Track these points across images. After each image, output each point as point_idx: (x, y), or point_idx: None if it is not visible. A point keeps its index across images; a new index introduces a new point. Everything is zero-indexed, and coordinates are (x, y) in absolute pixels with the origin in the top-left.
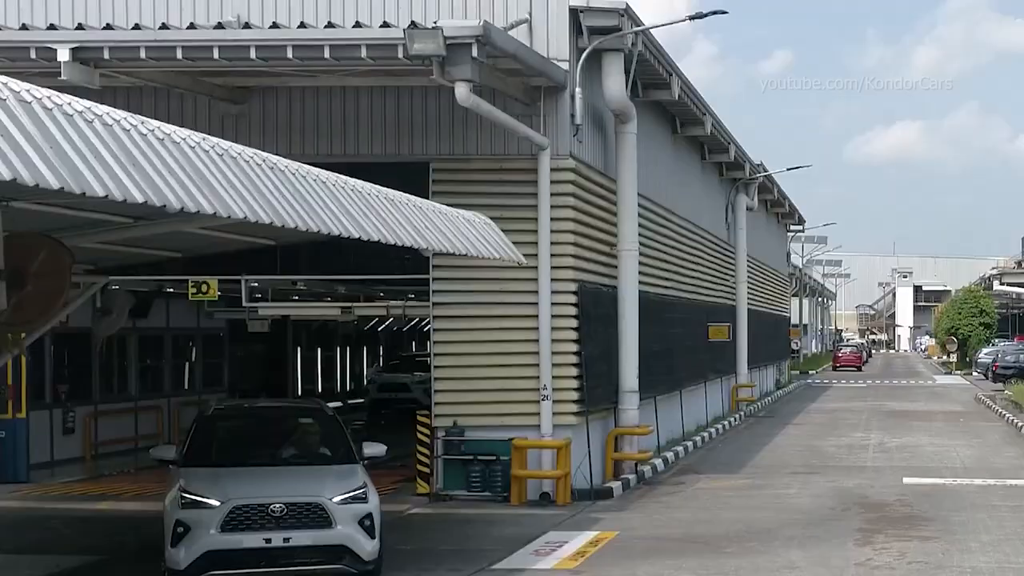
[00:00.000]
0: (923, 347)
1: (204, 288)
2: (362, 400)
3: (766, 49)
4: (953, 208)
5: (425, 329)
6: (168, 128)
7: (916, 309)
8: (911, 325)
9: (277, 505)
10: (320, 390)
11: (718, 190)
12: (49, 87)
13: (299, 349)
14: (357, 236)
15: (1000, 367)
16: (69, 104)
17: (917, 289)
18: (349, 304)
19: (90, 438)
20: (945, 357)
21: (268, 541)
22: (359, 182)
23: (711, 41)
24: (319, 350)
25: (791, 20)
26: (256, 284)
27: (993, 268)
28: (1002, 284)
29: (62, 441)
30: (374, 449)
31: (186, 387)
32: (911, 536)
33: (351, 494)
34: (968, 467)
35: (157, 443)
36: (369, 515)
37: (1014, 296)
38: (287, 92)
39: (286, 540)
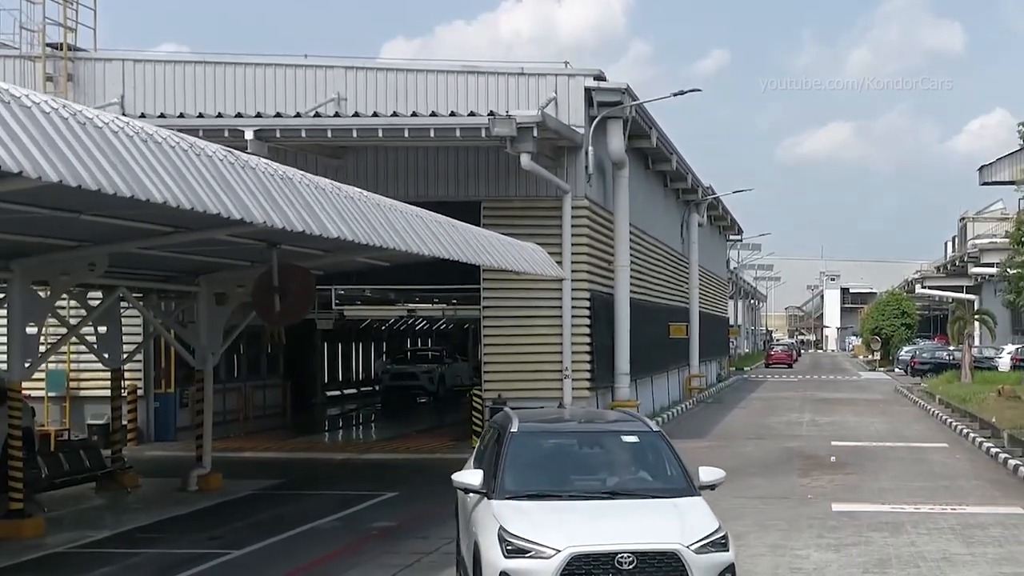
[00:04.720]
0: (850, 347)
1: None
2: (372, 388)
3: (703, 49)
4: (882, 210)
5: (420, 328)
6: (346, 186)
7: (843, 310)
8: (838, 326)
9: (626, 555)
10: (340, 378)
11: (675, 210)
12: None
13: (325, 344)
14: (478, 262)
15: (917, 363)
16: (300, 173)
17: (844, 291)
18: (413, 306)
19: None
20: (870, 355)
21: None
22: (470, 226)
23: (645, 42)
24: (339, 345)
25: (726, 20)
26: (343, 292)
27: (916, 272)
28: (924, 287)
29: (179, 413)
30: (713, 475)
31: (252, 374)
32: (837, 472)
33: (709, 539)
34: (883, 435)
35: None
36: (731, 567)
37: (935, 299)
38: (375, 150)
39: None
